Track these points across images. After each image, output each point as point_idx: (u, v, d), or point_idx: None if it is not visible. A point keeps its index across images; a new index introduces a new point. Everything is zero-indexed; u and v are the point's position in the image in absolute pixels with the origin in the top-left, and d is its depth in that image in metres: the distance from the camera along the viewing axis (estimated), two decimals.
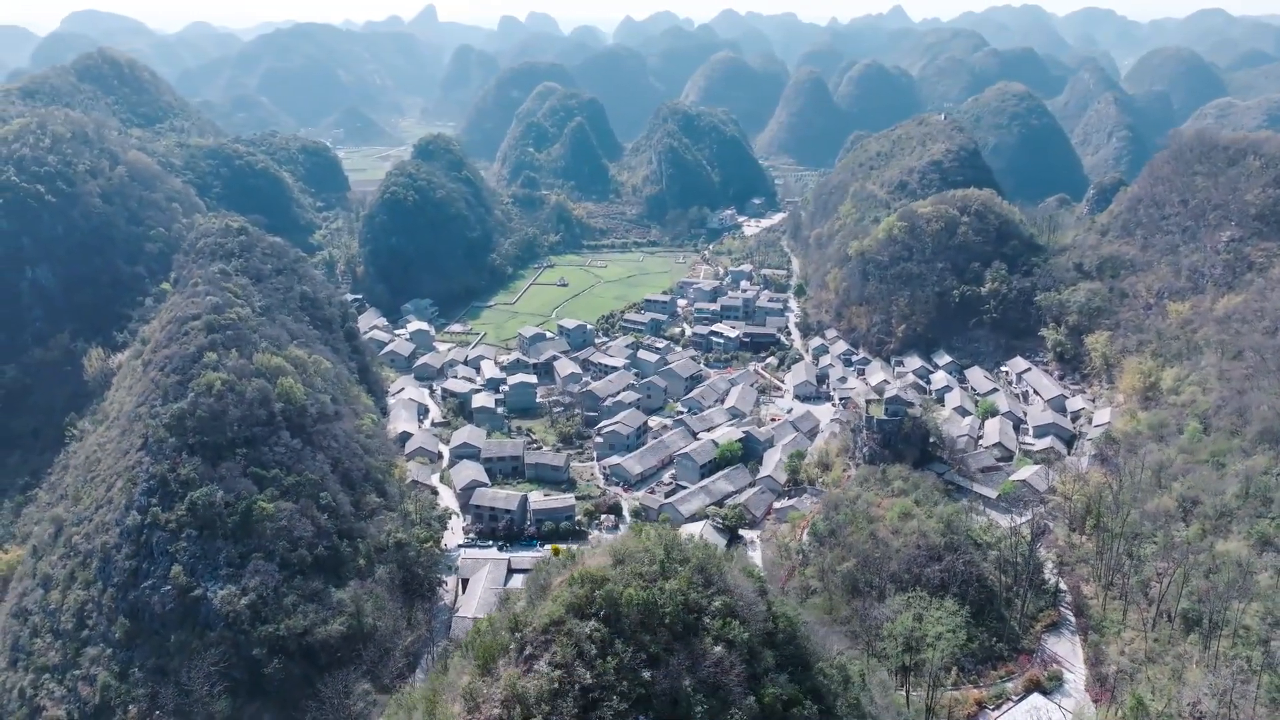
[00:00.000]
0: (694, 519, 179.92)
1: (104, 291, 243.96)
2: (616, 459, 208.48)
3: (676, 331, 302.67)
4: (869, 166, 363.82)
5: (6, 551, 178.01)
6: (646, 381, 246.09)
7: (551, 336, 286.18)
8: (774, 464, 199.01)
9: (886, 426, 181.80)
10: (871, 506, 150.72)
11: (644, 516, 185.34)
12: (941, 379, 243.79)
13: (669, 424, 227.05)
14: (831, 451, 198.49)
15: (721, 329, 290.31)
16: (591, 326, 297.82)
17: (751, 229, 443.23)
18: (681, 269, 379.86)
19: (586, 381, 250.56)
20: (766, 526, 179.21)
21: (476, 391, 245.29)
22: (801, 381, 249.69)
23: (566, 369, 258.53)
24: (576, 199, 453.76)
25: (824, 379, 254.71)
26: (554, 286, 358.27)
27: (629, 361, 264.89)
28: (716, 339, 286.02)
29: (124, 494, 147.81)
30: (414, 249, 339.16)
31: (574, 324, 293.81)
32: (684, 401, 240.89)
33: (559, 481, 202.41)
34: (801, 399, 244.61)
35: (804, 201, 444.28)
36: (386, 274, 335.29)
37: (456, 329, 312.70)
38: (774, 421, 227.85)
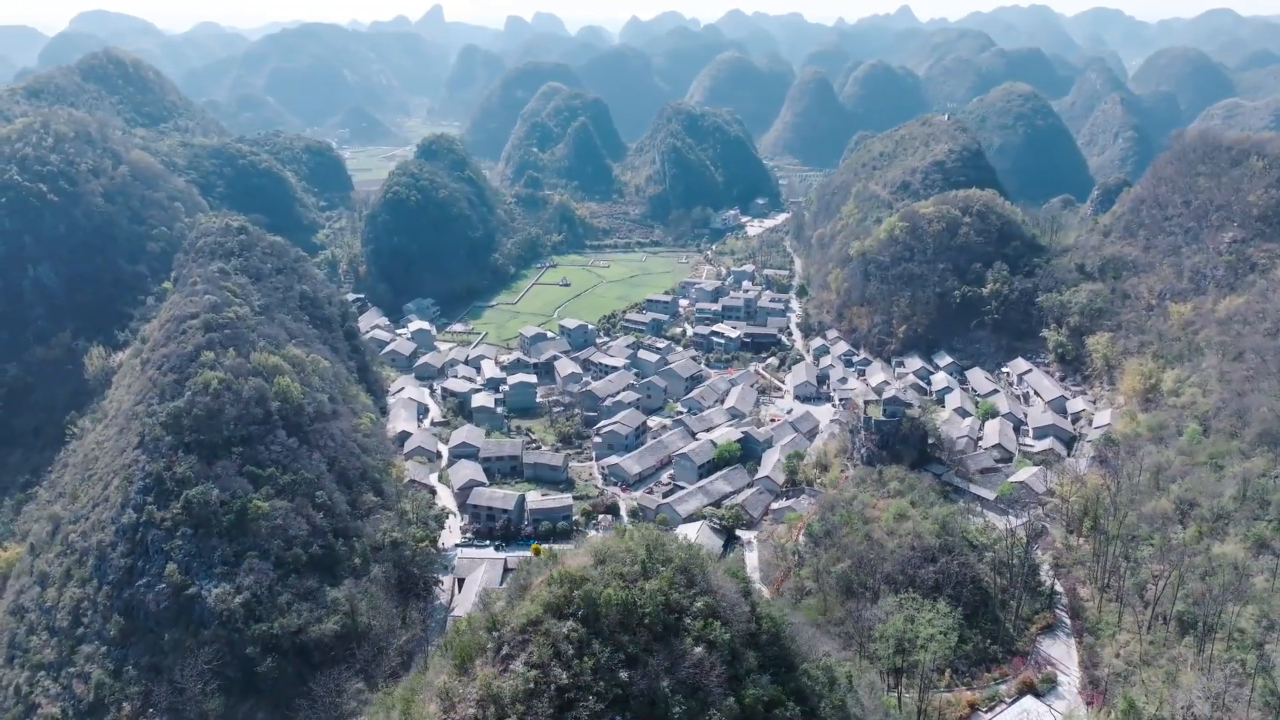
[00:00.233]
0: (691, 519, 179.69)
1: (106, 290, 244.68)
2: (615, 459, 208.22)
3: (678, 331, 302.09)
4: (872, 167, 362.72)
5: (6, 549, 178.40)
6: (646, 382, 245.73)
7: (552, 336, 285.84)
8: (772, 465, 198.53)
9: (884, 427, 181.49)
10: (867, 507, 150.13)
11: (641, 517, 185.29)
12: (942, 380, 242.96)
13: (668, 424, 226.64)
14: (830, 452, 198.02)
15: (723, 329, 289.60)
16: (593, 326, 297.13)
17: (755, 229, 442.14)
18: (684, 269, 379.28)
19: (587, 381, 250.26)
20: (763, 527, 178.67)
21: (476, 391, 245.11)
22: (802, 382, 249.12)
23: (567, 369, 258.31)
24: (580, 199, 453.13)
25: (824, 380, 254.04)
26: (556, 286, 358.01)
27: (629, 361, 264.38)
28: (717, 339, 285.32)
29: (120, 492, 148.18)
30: (416, 248, 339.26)
31: (575, 324, 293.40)
32: (684, 402, 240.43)
33: (557, 481, 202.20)
34: (801, 399, 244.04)
35: (807, 202, 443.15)
36: (389, 273, 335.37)
37: (458, 328, 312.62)
38: (773, 422, 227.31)
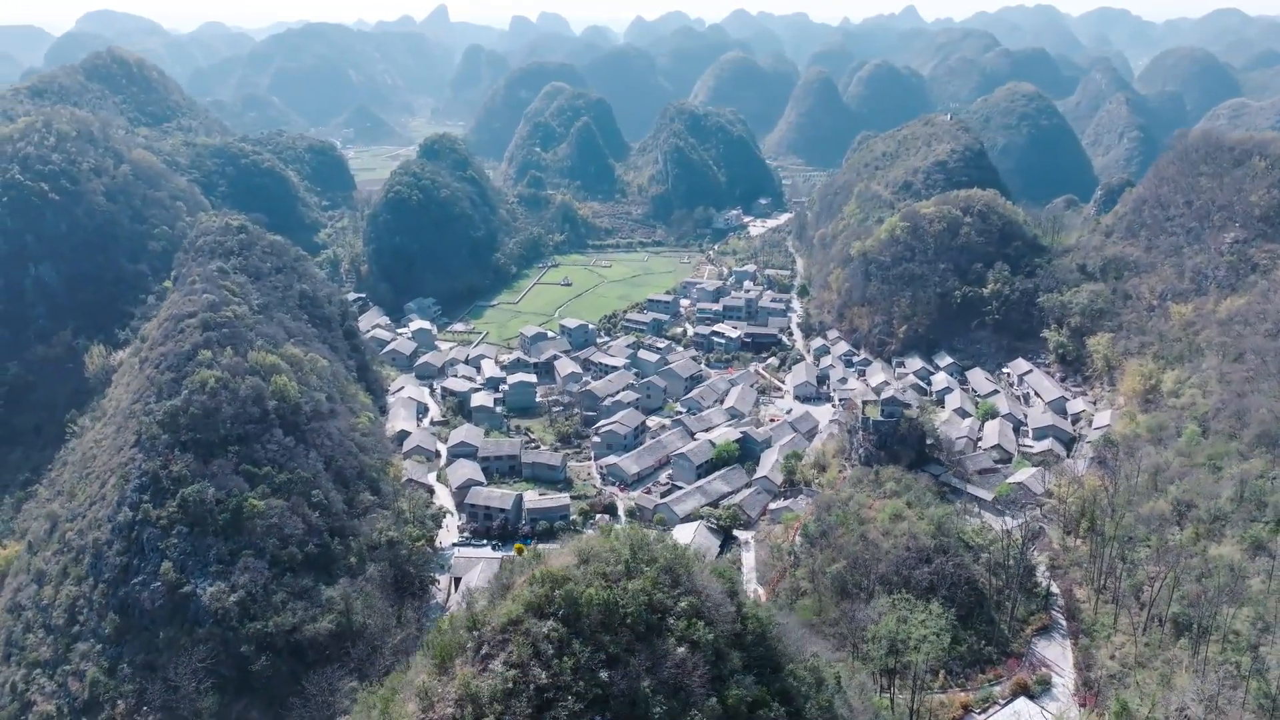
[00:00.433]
0: (689, 519, 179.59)
1: (107, 289, 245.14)
2: (613, 459, 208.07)
3: (679, 331, 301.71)
4: (874, 167, 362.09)
5: (5, 547, 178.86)
6: (646, 381, 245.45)
7: (553, 336, 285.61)
8: (770, 465, 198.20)
9: (882, 427, 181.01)
10: (863, 508, 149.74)
11: (639, 516, 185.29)
12: (942, 380, 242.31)
13: (667, 424, 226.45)
14: (828, 453, 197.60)
15: (723, 329, 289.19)
16: (593, 326, 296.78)
17: (757, 229, 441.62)
18: (686, 269, 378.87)
19: (586, 381, 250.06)
20: (761, 527, 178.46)
21: (476, 390, 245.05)
22: (801, 382, 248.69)
23: (567, 368, 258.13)
24: (582, 199, 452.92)
25: (824, 380, 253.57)
26: (558, 286, 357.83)
27: (629, 361, 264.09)
28: (718, 339, 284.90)
29: (116, 490, 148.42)
30: (418, 248, 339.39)
31: (575, 323, 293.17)
32: (683, 402, 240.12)
33: (555, 481, 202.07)
34: (801, 400, 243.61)
35: (810, 202, 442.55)
36: (390, 273, 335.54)
37: (459, 328, 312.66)
38: (773, 422, 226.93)
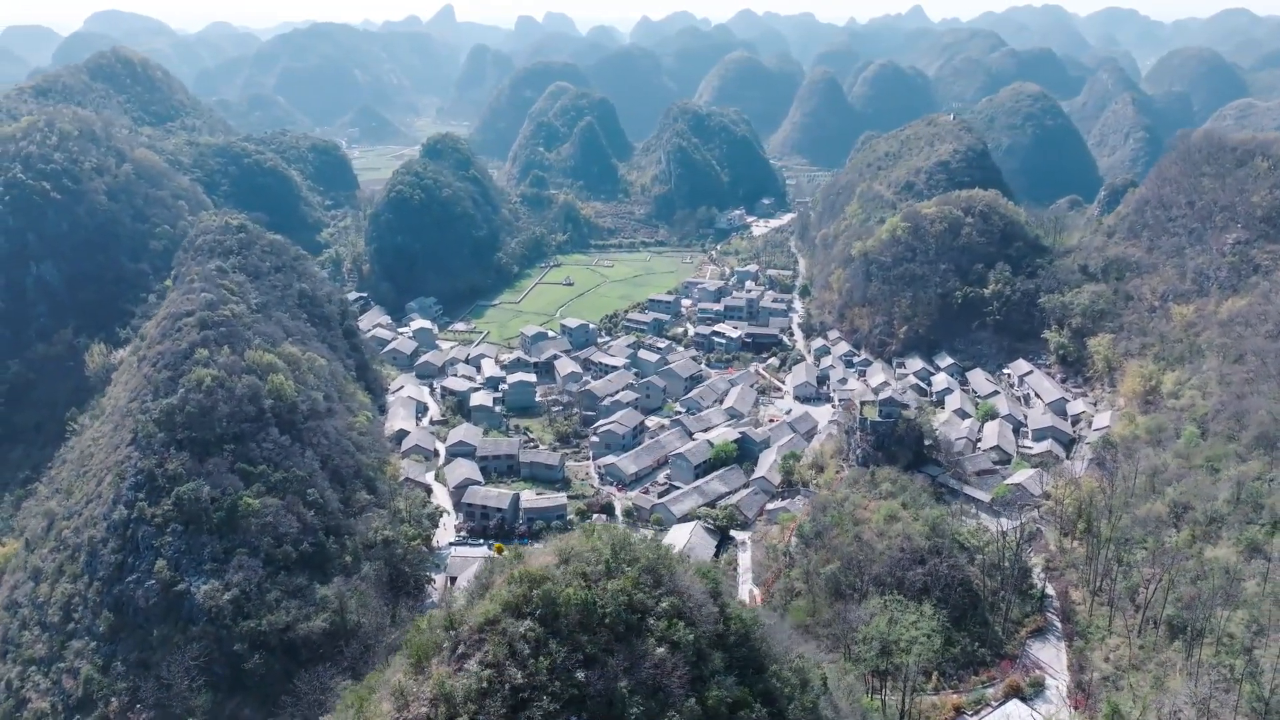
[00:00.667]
0: (686, 519, 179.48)
1: (108, 288, 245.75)
2: (611, 458, 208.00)
3: (679, 331, 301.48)
4: (877, 167, 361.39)
5: (4, 545, 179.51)
6: (645, 381, 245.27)
7: (554, 336, 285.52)
8: (769, 465, 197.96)
9: (880, 428, 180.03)
10: (858, 509, 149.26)
11: (636, 516, 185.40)
12: (942, 381, 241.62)
13: (666, 424, 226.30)
14: (826, 453, 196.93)
15: (724, 329, 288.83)
16: (594, 326, 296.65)
17: (760, 229, 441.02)
18: (688, 269, 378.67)
19: (586, 381, 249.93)
20: (758, 528, 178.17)
21: (475, 390, 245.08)
22: (801, 382, 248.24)
23: (567, 368, 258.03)
24: (585, 198, 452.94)
25: (824, 380, 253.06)
26: (560, 286, 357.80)
27: (629, 361, 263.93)
28: (719, 339, 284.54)
29: (112, 488, 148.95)
30: (419, 247, 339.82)
31: (576, 323, 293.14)
32: (683, 402, 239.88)
33: (553, 480, 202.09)
34: (801, 400, 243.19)
35: (813, 202, 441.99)
36: (392, 272, 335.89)
37: (460, 327, 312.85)
38: (772, 423, 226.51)
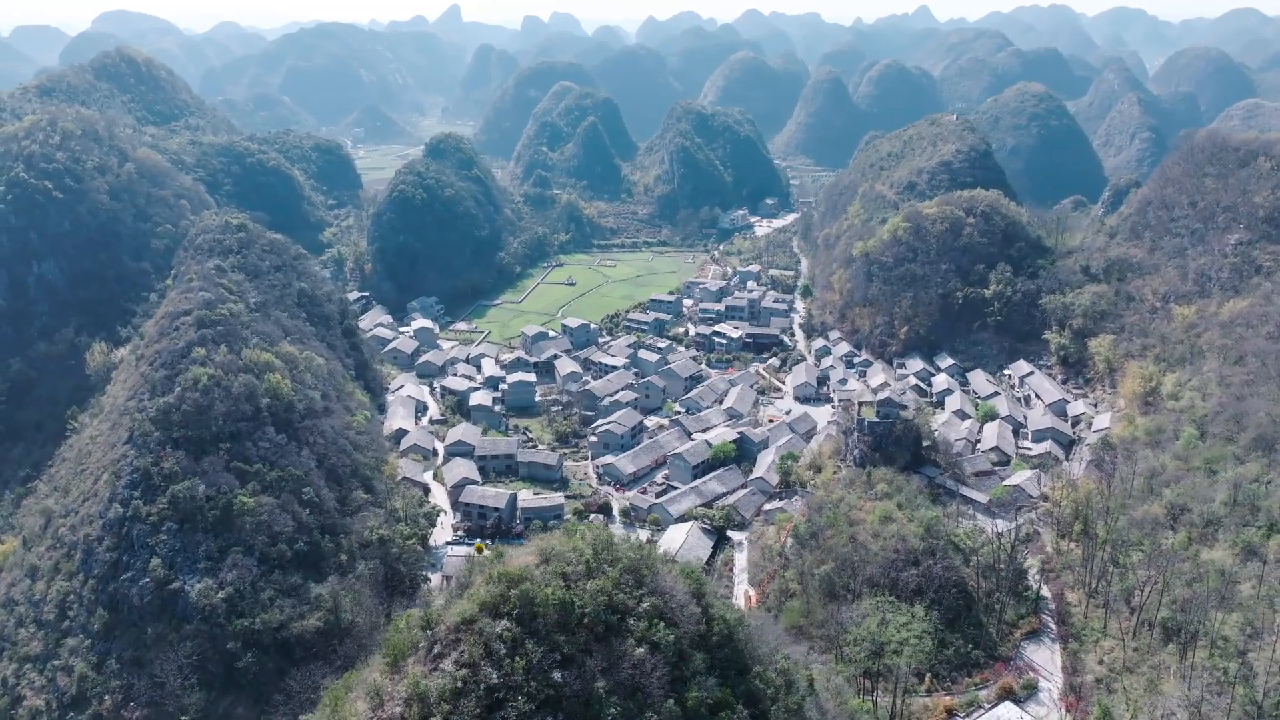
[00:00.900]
0: (683, 520, 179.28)
1: (109, 287, 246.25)
2: (610, 458, 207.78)
3: (680, 331, 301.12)
4: (879, 167, 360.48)
5: (3, 543, 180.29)
6: (645, 381, 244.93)
7: (554, 335, 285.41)
8: (767, 466, 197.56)
9: (877, 429, 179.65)
10: (853, 510, 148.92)
11: (634, 516, 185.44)
12: (943, 382, 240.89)
13: (665, 424, 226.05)
14: (824, 454, 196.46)
15: (724, 329, 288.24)
16: (595, 326, 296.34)
17: (763, 229, 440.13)
18: (690, 269, 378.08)
19: (586, 381, 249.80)
20: (754, 528, 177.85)
21: (475, 389, 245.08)
22: (801, 383, 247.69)
23: (567, 368, 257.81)
24: (588, 198, 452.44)
25: (824, 381, 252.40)
26: (561, 285, 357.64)
27: (629, 361, 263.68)
28: (719, 339, 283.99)
29: (108, 486, 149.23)
30: (421, 247, 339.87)
31: (577, 323, 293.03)
32: (682, 402, 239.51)
33: (552, 480, 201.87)
34: (801, 400, 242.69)
35: (816, 202, 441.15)
36: (394, 272, 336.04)
37: (461, 327, 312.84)
38: (771, 423, 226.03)
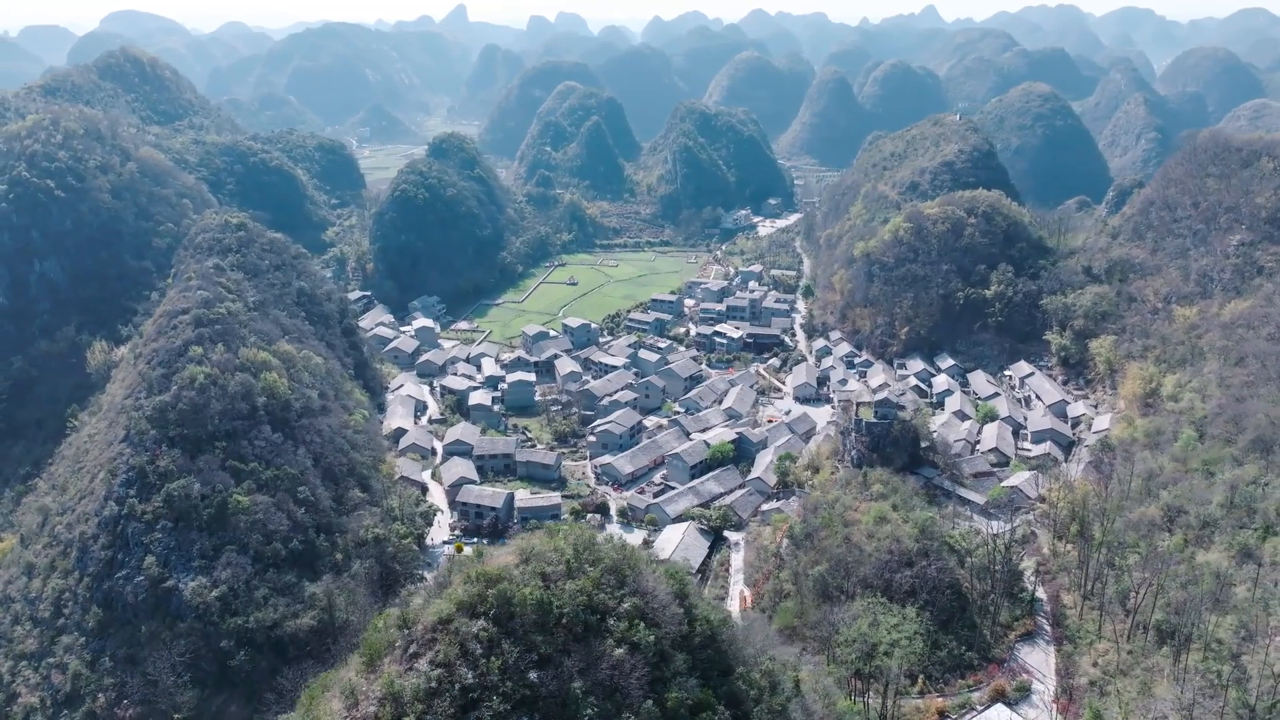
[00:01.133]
0: (680, 520, 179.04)
1: (111, 285, 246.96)
2: (608, 458, 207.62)
3: (681, 331, 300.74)
4: (882, 167, 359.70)
5: (2, 540, 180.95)
6: (644, 381, 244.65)
7: (555, 335, 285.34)
8: (765, 466, 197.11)
9: (875, 429, 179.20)
10: (849, 510, 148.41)
11: (631, 516, 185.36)
12: (943, 382, 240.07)
13: (664, 424, 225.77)
14: (822, 454, 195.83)
15: (725, 329, 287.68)
16: (596, 326, 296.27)
17: (767, 229, 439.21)
18: (693, 269, 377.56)
19: (586, 380, 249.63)
20: (751, 529, 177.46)
21: (474, 389, 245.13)
22: (801, 383, 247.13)
23: (567, 367, 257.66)
24: (591, 198, 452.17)
25: (824, 381, 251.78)
26: (563, 285, 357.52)
27: (629, 361, 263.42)
28: (720, 339, 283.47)
29: (104, 485, 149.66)
30: (423, 246, 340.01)
31: (578, 323, 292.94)
32: (682, 402, 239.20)
33: (550, 480, 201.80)
34: (801, 401, 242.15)
35: (819, 202, 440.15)
36: (395, 271, 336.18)
37: (463, 326, 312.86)
38: (770, 423, 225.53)
